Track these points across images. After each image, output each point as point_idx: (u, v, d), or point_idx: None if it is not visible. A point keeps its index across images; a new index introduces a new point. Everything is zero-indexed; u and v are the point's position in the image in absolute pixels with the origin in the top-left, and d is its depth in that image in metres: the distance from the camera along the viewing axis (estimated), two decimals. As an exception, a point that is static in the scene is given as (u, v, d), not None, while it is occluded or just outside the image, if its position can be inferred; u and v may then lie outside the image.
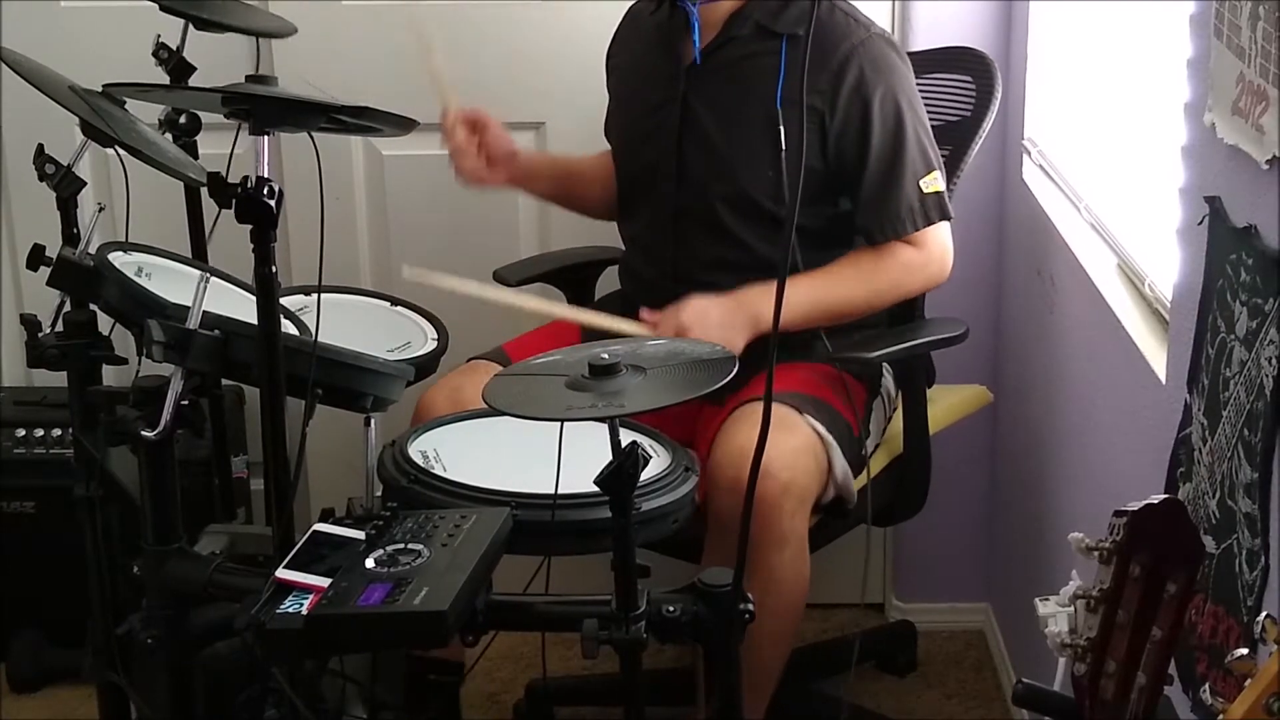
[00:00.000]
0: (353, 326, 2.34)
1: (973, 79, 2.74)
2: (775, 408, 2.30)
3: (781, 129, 2.45)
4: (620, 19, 2.76)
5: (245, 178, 1.83)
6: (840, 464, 2.41)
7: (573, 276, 2.91)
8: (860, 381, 2.58)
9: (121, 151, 2.12)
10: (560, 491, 1.89)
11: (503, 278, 2.82)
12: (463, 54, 3.05)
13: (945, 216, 2.52)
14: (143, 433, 1.90)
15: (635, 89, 2.69)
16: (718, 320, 2.42)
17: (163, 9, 2.56)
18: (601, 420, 1.72)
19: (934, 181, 2.50)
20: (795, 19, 2.48)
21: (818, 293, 2.49)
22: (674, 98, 2.56)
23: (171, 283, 2.15)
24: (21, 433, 2.95)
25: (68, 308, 2.18)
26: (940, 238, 2.54)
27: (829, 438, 2.40)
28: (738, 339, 2.37)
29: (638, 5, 2.74)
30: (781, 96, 2.45)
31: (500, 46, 3.05)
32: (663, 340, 1.89)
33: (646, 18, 2.68)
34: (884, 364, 2.61)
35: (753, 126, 2.49)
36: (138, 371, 1.96)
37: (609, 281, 2.88)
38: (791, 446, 2.33)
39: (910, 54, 2.64)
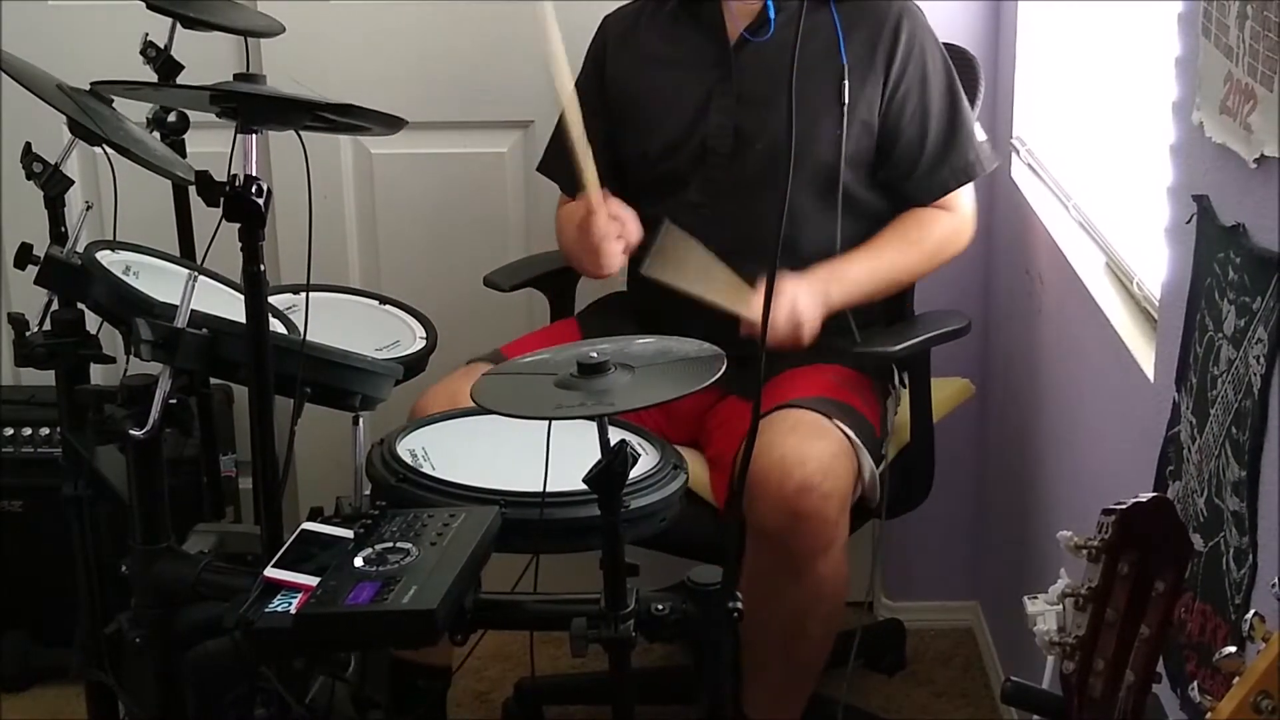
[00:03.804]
0: (341, 325, 2.34)
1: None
2: (807, 414, 2.36)
3: (845, 84, 2.49)
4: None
5: (233, 176, 1.82)
6: (869, 466, 2.43)
7: (563, 277, 2.91)
8: (878, 381, 2.61)
9: (109, 150, 2.12)
10: (549, 490, 1.89)
11: (494, 283, 2.82)
12: (453, 52, 3.06)
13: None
14: (131, 431, 1.90)
15: (670, 80, 2.63)
16: (808, 299, 2.45)
17: (150, 7, 2.55)
18: (590, 419, 1.72)
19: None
20: None
21: (876, 265, 2.55)
22: (724, 79, 2.57)
23: (159, 281, 2.15)
24: (10, 431, 2.95)
25: (55, 306, 2.17)
26: (971, 197, 2.64)
27: (858, 441, 2.41)
28: (817, 317, 2.45)
29: (619, 11, 2.73)
30: (847, 60, 2.49)
31: (491, 45, 3.04)
32: (652, 340, 1.89)
33: (650, 16, 2.66)
34: (893, 361, 2.61)
35: (815, 95, 2.49)
36: (125, 370, 1.95)
37: (598, 282, 2.88)
38: (830, 453, 2.34)
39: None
